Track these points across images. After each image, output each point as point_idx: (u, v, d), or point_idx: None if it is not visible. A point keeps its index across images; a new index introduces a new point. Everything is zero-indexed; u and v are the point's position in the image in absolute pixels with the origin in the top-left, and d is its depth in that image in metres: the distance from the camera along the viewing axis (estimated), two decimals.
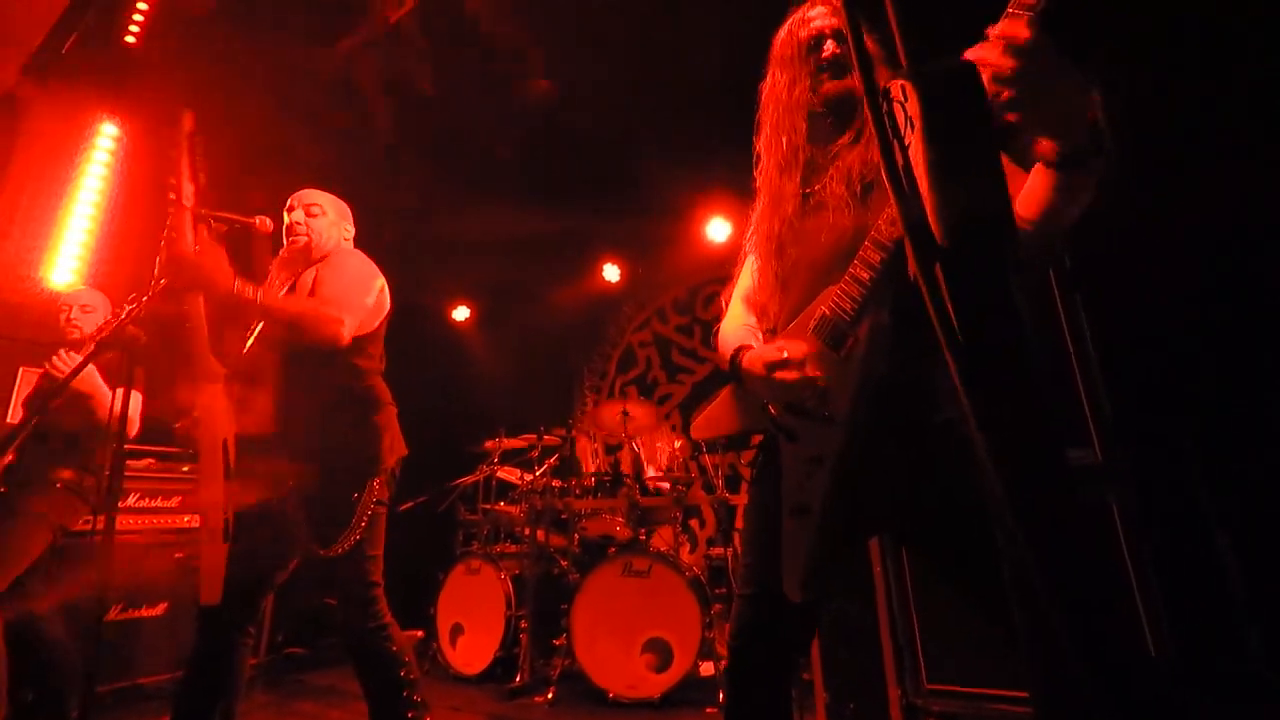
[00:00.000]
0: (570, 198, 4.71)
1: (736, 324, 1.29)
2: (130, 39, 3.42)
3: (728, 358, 1.21)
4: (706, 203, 4.89)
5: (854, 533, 1.09)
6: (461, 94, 3.95)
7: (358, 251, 1.99)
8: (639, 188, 4.60)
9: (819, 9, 1.18)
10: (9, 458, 2.23)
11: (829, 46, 1.14)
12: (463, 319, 6.17)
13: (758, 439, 1.25)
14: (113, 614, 2.71)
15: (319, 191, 2.04)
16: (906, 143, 0.39)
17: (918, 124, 0.38)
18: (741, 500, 4.73)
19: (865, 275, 0.96)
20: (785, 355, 1.05)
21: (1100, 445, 1.72)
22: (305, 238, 1.93)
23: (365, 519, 1.69)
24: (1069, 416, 1.74)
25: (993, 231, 0.37)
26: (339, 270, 1.86)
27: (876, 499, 1.02)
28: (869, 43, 0.42)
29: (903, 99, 0.39)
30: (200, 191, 1.78)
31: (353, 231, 2.08)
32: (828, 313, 1.02)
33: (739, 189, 1.40)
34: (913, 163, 0.38)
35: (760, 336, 1.24)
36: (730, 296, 1.37)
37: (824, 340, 1.03)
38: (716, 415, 1.27)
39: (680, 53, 3.53)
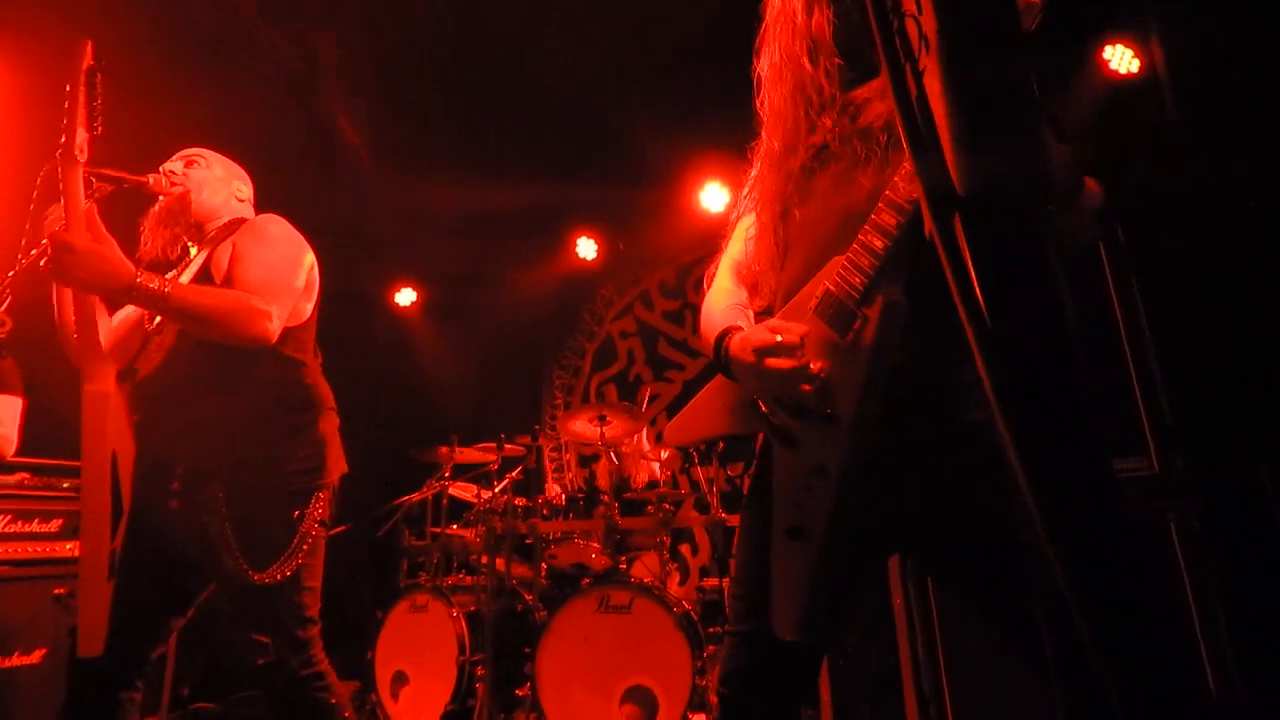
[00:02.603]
0: (537, 159, 4.68)
1: (724, 301, 1.25)
2: None
3: (712, 341, 1.17)
4: (699, 165, 4.87)
5: (862, 560, 1.07)
6: (410, 32, 3.89)
7: (278, 217, 1.95)
8: (618, 148, 4.58)
9: None
10: None
11: None
12: (407, 304, 6.10)
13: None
14: None
15: (203, 148, 2.02)
16: (921, 68, 0.38)
17: (934, 44, 0.37)
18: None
19: (878, 243, 0.93)
20: (779, 339, 1.02)
21: (1157, 453, 1.74)
22: (182, 188, 1.91)
23: (307, 543, 1.70)
24: (1120, 418, 1.76)
25: (1026, 177, 0.35)
26: (261, 244, 1.83)
27: (890, 518, 1.01)
28: None
29: (917, 12, 0.38)
30: (93, 143, 1.73)
31: (248, 194, 2.07)
32: (832, 289, 0.99)
33: (739, 148, 1.39)
34: (928, 92, 0.37)
35: (751, 316, 1.21)
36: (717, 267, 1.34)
37: (827, 322, 0.99)
38: (698, 415, 1.24)
39: None
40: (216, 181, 1.98)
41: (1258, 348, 1.74)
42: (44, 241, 1.63)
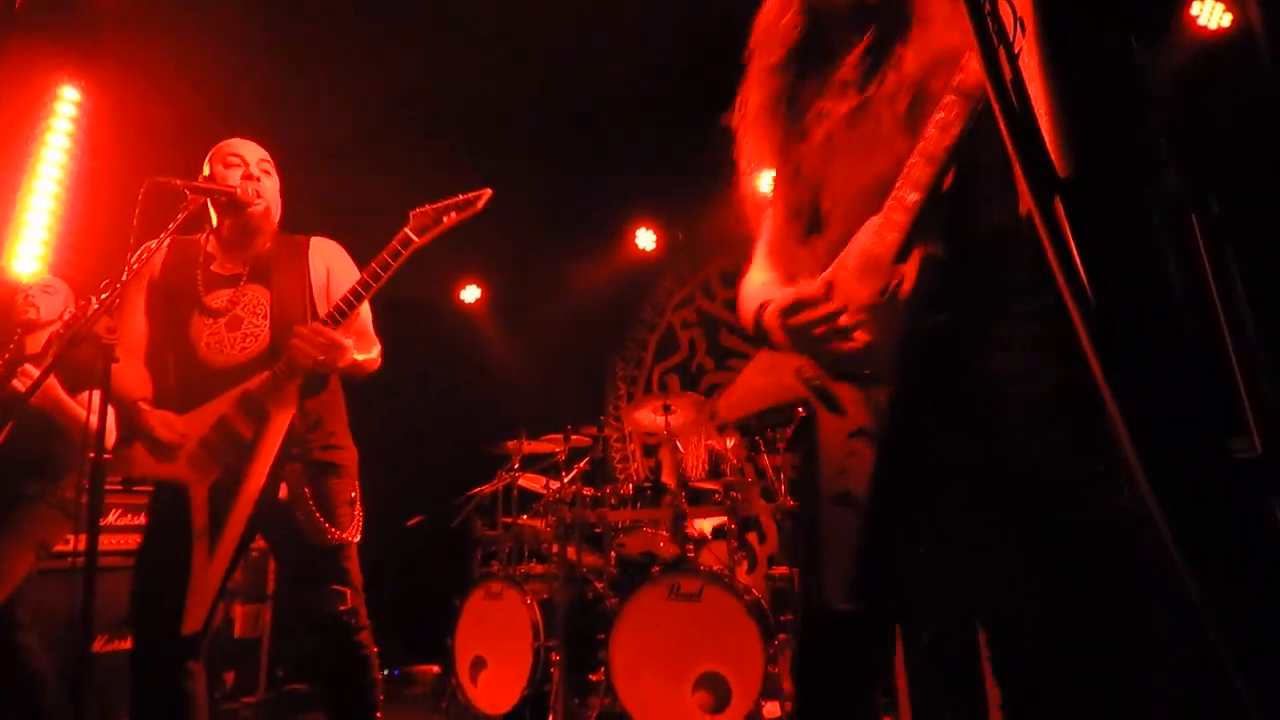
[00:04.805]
0: (595, 151, 4.70)
1: (760, 279, 1.25)
2: None
3: (751, 322, 1.17)
4: None
5: (911, 523, 1.03)
6: (466, 31, 3.96)
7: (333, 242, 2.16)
8: (675, 137, 4.55)
9: None
10: None
11: None
12: (472, 300, 6.24)
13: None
14: (97, 645, 2.86)
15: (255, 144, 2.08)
16: (1016, 50, 0.38)
17: (1031, 26, 0.36)
18: None
19: (913, 197, 0.91)
20: (802, 295, 1.01)
21: (1260, 434, 1.64)
22: (264, 202, 2.00)
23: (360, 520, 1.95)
24: (1220, 396, 1.67)
25: (1131, 159, 0.35)
26: (353, 272, 2.01)
27: (935, 478, 0.97)
28: None
29: None
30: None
31: None
32: (869, 247, 0.98)
33: None
34: (1025, 75, 0.37)
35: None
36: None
37: (864, 280, 0.98)
38: (747, 390, 1.25)
39: None
40: (278, 194, 2.07)
41: None
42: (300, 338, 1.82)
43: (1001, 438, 0.91)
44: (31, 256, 3.64)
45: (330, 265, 2.05)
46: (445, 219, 1.86)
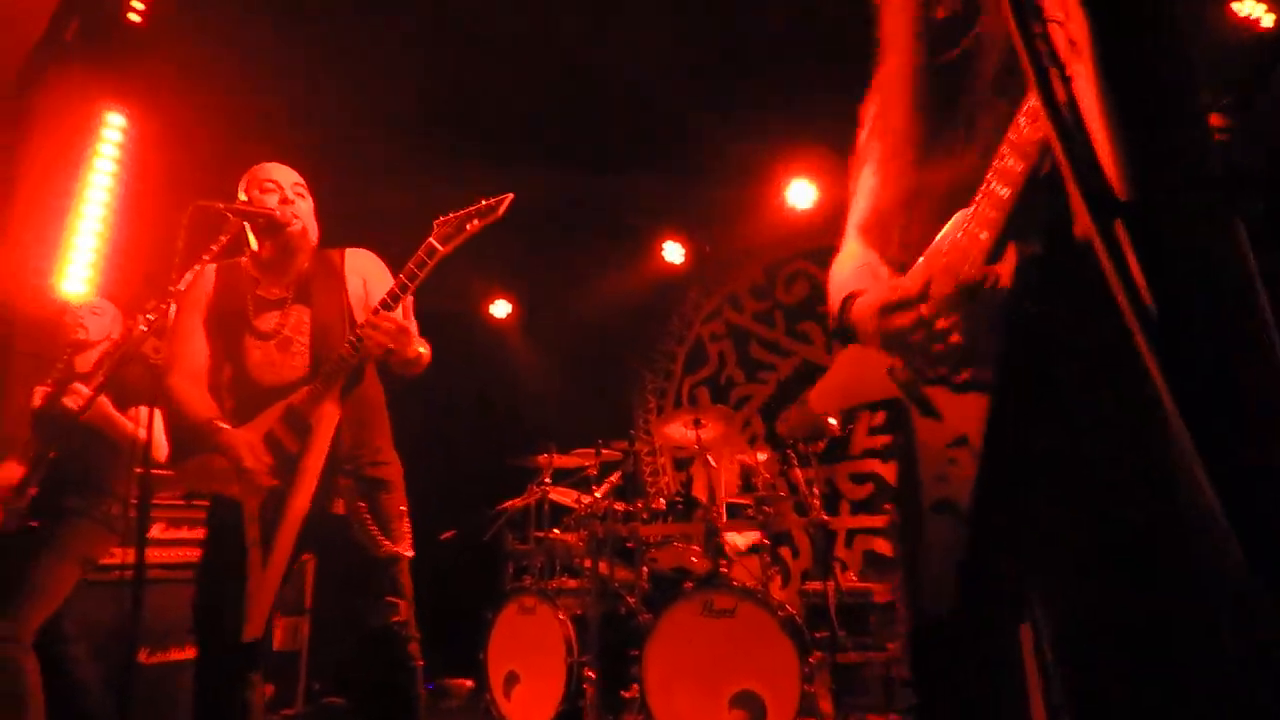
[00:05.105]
0: (619, 163, 4.72)
1: (850, 264, 1.19)
2: (134, 16, 3.69)
3: (835, 309, 1.14)
4: (785, 161, 4.79)
5: (1015, 531, 0.99)
6: (491, 43, 4.02)
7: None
8: (701, 147, 4.56)
9: None
10: (33, 490, 2.45)
11: None
12: (503, 316, 6.28)
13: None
14: (141, 657, 2.93)
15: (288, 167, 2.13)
16: (1068, 73, 0.37)
17: (1085, 49, 0.36)
18: (842, 524, 4.63)
19: (1004, 192, 0.87)
20: (898, 296, 0.98)
21: None
22: (301, 223, 2.05)
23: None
24: None
25: (1193, 181, 0.34)
26: (386, 283, 2.03)
27: (1044, 494, 0.93)
28: None
29: (1062, 18, 0.37)
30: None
31: None
32: (961, 242, 0.94)
33: (826, 140, 1.36)
34: (1078, 97, 0.36)
35: (885, 273, 1.14)
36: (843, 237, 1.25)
37: (955, 278, 0.93)
38: (838, 382, 1.22)
39: None
40: (313, 215, 2.12)
41: None
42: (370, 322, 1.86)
43: (1082, 434, 0.88)
44: (79, 278, 3.77)
45: (366, 276, 2.10)
46: (468, 226, 1.87)
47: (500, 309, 6.29)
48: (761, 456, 3.91)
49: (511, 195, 1.91)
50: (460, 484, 5.03)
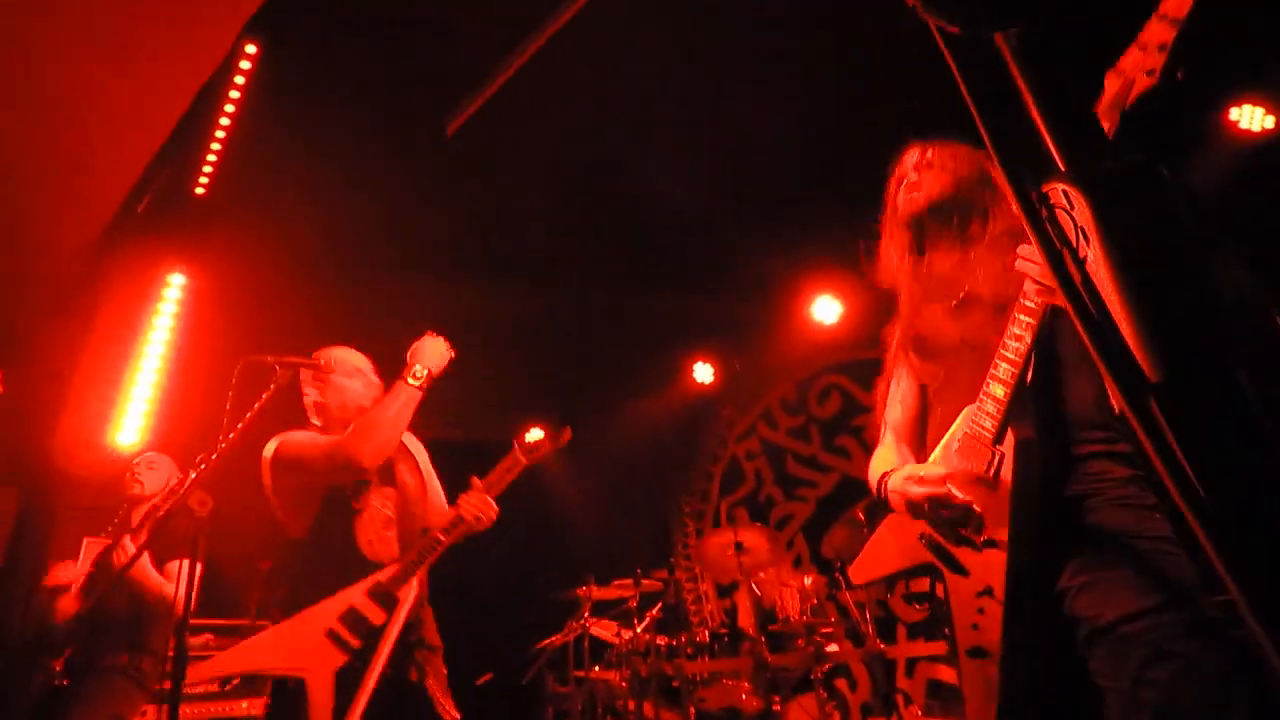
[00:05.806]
0: (645, 286, 4.86)
1: (886, 457, 1.43)
2: (200, 190, 4.05)
3: (874, 488, 1.37)
4: (807, 277, 4.91)
5: (1050, 672, 1.11)
6: (520, 172, 4.28)
7: None
8: (725, 266, 4.70)
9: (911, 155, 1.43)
10: (69, 650, 2.45)
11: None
12: (532, 441, 6.29)
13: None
14: None
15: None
16: (1081, 256, 0.39)
17: (1095, 235, 0.38)
18: (901, 652, 4.33)
19: (1000, 391, 1.11)
20: (923, 475, 1.23)
21: None
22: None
23: None
24: None
25: (1222, 356, 0.35)
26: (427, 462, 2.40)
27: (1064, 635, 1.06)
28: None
29: (1068, 205, 0.40)
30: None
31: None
32: (970, 433, 1.18)
33: (845, 258, 1.57)
34: (1094, 279, 0.38)
35: (911, 460, 1.39)
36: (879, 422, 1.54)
37: (970, 462, 1.17)
38: (876, 552, 1.41)
39: (761, 107, 3.67)
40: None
41: None
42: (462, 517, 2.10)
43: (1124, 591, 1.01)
44: (133, 428, 3.92)
45: (417, 455, 2.30)
46: (541, 450, 2.44)
47: (532, 437, 6.29)
48: (808, 580, 3.74)
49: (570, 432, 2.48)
50: (495, 621, 4.87)
